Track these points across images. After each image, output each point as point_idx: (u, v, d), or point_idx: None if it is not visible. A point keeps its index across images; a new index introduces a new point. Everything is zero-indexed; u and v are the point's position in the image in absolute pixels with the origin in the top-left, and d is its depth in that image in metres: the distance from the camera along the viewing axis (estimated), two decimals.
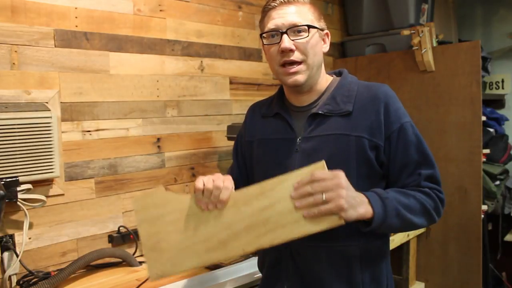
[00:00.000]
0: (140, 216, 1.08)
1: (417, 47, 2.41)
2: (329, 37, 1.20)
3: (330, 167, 1.11)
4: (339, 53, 3.00)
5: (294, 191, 0.97)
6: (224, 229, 1.03)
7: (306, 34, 1.10)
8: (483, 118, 2.48)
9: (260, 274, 1.32)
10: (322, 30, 1.16)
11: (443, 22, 3.01)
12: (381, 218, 1.01)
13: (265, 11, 1.16)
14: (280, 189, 0.98)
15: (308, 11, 1.13)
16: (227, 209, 1.02)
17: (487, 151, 2.57)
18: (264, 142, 1.24)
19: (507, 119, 3.14)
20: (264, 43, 1.16)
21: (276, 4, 1.13)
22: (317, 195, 0.94)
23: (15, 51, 1.55)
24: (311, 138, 1.14)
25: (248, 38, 2.35)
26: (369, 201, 1.01)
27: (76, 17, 1.71)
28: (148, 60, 1.94)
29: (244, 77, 2.35)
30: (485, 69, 2.92)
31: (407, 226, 1.09)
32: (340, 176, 0.96)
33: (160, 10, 1.98)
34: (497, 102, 3.25)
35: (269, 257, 1.22)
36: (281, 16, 1.11)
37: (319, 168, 0.95)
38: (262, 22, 1.18)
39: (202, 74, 2.16)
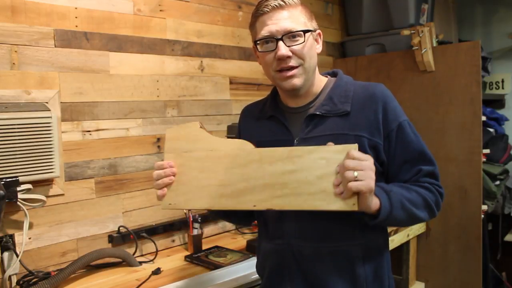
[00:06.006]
0: (170, 145, 1.13)
1: (417, 47, 2.41)
2: (321, 36, 1.20)
3: None
4: (339, 53, 3.00)
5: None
6: (242, 180, 1.05)
7: (301, 39, 1.10)
8: (483, 118, 2.48)
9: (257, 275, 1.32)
10: (314, 31, 1.16)
11: (443, 22, 3.01)
12: (387, 210, 1.02)
13: (256, 16, 1.14)
14: (307, 158, 0.99)
15: (300, 13, 1.12)
16: (251, 162, 1.04)
17: (487, 151, 2.57)
18: (260, 145, 1.23)
19: (507, 119, 3.15)
20: (259, 50, 1.14)
21: (268, 10, 1.11)
22: (349, 171, 0.93)
23: (15, 51, 1.56)
24: (309, 139, 1.14)
25: (248, 38, 2.35)
26: (375, 194, 1.01)
27: (76, 17, 1.71)
28: (148, 60, 1.94)
29: (244, 77, 2.35)
30: (485, 69, 2.92)
31: (411, 219, 1.11)
32: (372, 160, 0.97)
33: (160, 10, 1.98)
34: (497, 102, 3.25)
35: (271, 260, 1.21)
36: (275, 22, 1.09)
37: (352, 149, 0.97)
38: (253, 27, 1.16)
39: (202, 74, 2.16)
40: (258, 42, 1.13)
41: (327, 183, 0.97)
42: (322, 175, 0.98)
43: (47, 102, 1.62)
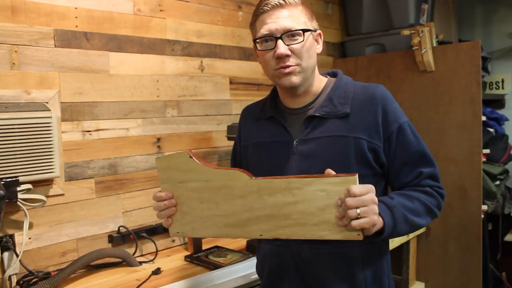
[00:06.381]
0: (163, 175, 1.09)
1: (417, 47, 2.41)
2: (322, 37, 1.19)
3: (330, 168, 1.11)
4: (339, 53, 3.00)
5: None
6: (244, 211, 1.03)
7: (301, 38, 1.09)
8: (483, 118, 2.48)
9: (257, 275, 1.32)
10: (315, 31, 1.16)
11: (443, 22, 3.01)
12: (391, 227, 1.02)
13: (257, 14, 1.14)
14: (306, 190, 0.97)
15: (300, 13, 1.12)
16: (250, 193, 1.02)
17: (487, 151, 2.57)
18: (259, 146, 1.23)
19: (507, 119, 3.15)
20: (258, 48, 1.13)
21: (268, 8, 1.10)
22: (351, 210, 0.92)
23: (15, 51, 1.56)
24: (309, 140, 1.14)
25: (248, 38, 2.35)
26: (379, 212, 1.00)
27: (76, 17, 1.71)
28: (148, 60, 1.94)
29: (244, 77, 2.35)
30: (485, 69, 2.92)
31: (414, 228, 1.11)
32: (373, 190, 0.95)
33: (160, 10, 1.98)
34: (497, 102, 3.25)
35: (270, 262, 1.22)
36: (274, 21, 1.09)
37: (352, 181, 0.93)
38: (253, 26, 1.16)
39: (202, 74, 2.16)
40: (257, 40, 1.13)
41: (330, 215, 0.96)
42: (324, 206, 0.96)
43: (47, 102, 1.62)
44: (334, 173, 0.97)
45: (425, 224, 1.12)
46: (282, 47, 1.08)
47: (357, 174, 0.94)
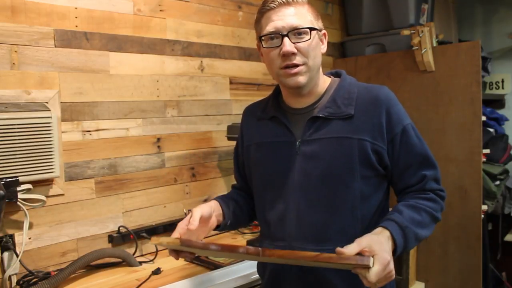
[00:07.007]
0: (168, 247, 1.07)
1: (417, 47, 2.41)
2: (327, 37, 1.20)
3: (333, 169, 1.11)
4: (339, 53, 3.00)
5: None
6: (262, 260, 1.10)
7: (307, 37, 1.10)
8: (483, 118, 2.48)
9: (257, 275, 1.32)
10: (320, 30, 1.16)
11: (443, 22, 3.01)
12: (402, 247, 1.03)
13: (262, 12, 1.13)
14: (319, 264, 0.99)
15: (307, 12, 1.12)
16: (263, 259, 1.07)
17: (487, 151, 2.57)
18: (262, 145, 1.23)
19: (507, 119, 3.15)
20: (264, 46, 1.13)
21: (274, 5, 1.10)
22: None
23: (15, 51, 1.55)
24: (312, 141, 1.14)
25: (248, 38, 2.35)
26: (391, 234, 1.02)
27: (76, 17, 1.71)
28: (148, 60, 1.94)
29: (244, 77, 2.35)
30: (485, 69, 2.92)
31: (421, 241, 1.12)
32: (389, 261, 0.93)
33: (160, 10, 1.98)
34: (497, 102, 3.25)
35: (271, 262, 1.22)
36: (281, 18, 1.09)
37: (365, 270, 0.92)
38: (258, 23, 1.15)
39: (202, 74, 2.16)
40: (263, 38, 1.12)
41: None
42: (340, 267, 1.00)
43: (47, 102, 1.62)
44: (345, 252, 0.93)
45: (430, 234, 1.13)
46: (288, 45, 1.08)
47: (371, 259, 0.91)
